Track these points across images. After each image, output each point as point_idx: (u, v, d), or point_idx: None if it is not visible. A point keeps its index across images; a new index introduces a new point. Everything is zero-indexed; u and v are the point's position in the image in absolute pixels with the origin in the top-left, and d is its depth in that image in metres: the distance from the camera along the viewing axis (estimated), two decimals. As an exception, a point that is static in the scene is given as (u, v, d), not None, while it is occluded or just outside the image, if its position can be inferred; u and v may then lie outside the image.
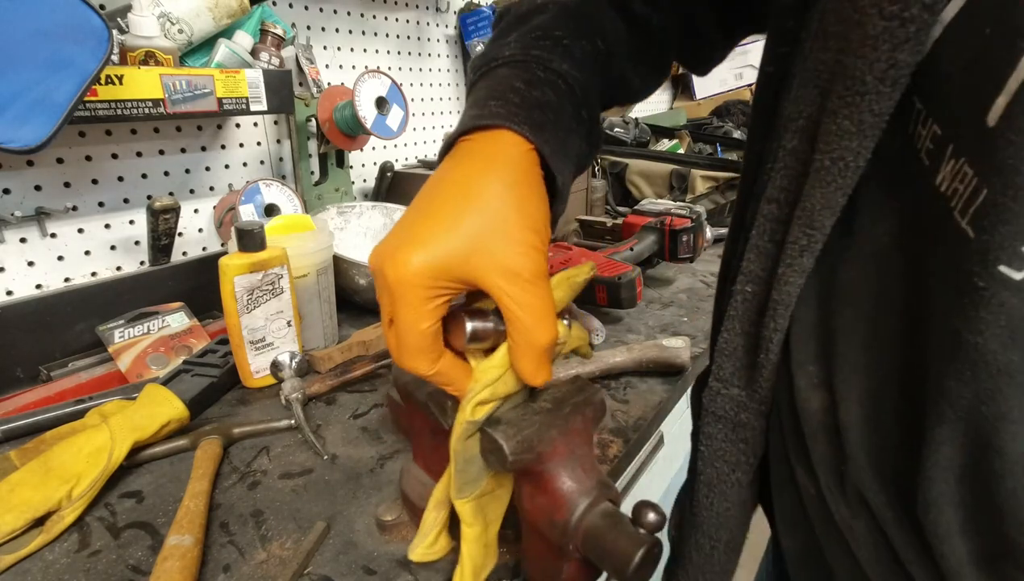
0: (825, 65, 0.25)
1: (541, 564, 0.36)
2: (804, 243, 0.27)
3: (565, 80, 0.36)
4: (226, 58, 0.82)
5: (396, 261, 0.29)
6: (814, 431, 0.30)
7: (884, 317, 0.26)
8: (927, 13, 0.21)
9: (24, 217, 0.74)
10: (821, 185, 0.26)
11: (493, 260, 0.29)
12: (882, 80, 0.22)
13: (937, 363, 0.22)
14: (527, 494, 0.35)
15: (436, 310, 0.30)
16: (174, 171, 0.89)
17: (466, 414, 0.32)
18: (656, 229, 0.97)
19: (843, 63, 0.24)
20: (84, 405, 0.60)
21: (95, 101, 0.65)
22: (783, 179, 0.29)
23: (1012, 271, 0.19)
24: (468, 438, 0.33)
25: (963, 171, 0.20)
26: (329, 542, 0.45)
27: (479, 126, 0.33)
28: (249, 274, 0.63)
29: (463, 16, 1.35)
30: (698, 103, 2.56)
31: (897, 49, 0.22)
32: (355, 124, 0.96)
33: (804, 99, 0.26)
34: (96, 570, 0.43)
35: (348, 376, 0.68)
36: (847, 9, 0.23)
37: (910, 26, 0.21)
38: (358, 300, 0.88)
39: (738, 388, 0.34)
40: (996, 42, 0.19)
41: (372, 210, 1.05)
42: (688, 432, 0.43)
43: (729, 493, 0.37)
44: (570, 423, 0.34)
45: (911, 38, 0.21)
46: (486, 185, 0.30)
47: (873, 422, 0.27)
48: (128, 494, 0.51)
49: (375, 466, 0.54)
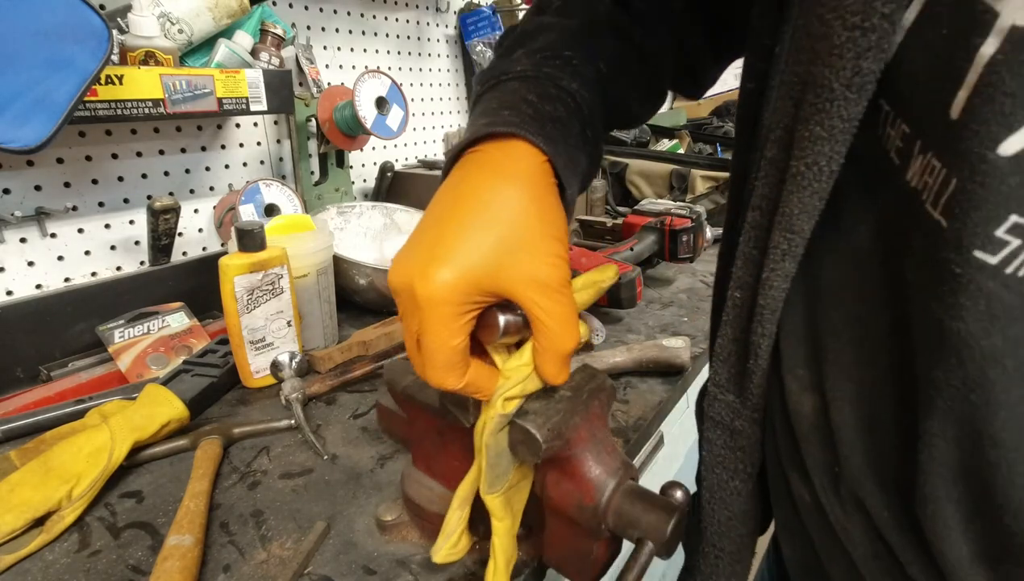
0: (798, 77, 0.26)
1: (568, 549, 0.37)
2: (785, 247, 0.28)
3: (574, 98, 0.36)
4: (226, 58, 0.82)
5: (427, 279, 0.28)
6: (806, 434, 0.31)
7: (869, 316, 0.26)
8: (887, 22, 0.22)
9: (24, 217, 0.74)
10: (798, 190, 0.27)
11: (522, 272, 0.29)
12: (848, 87, 0.23)
13: (923, 355, 0.23)
14: (552, 482, 0.35)
15: (466, 326, 0.30)
16: (174, 171, 0.89)
17: (496, 408, 0.32)
18: (656, 229, 0.97)
19: (812, 73, 0.25)
20: (84, 405, 0.60)
21: (95, 101, 0.65)
22: (764, 187, 0.29)
23: (987, 256, 0.19)
24: (499, 431, 0.33)
25: (931, 164, 0.21)
26: (329, 542, 0.45)
27: (492, 134, 0.32)
28: (249, 274, 0.63)
29: (463, 16, 1.35)
30: (698, 103, 2.56)
31: (861, 57, 0.23)
32: (355, 124, 0.96)
33: (780, 110, 0.27)
34: (96, 570, 0.43)
35: (348, 376, 0.68)
36: (815, 24, 0.24)
37: (871, 35, 0.22)
38: (358, 300, 0.88)
39: (732, 395, 0.35)
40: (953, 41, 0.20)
41: (372, 210, 1.05)
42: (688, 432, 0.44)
43: (729, 501, 0.37)
44: (590, 408, 0.35)
45: (873, 46, 0.22)
46: (508, 197, 0.30)
47: (866, 421, 0.27)
48: (128, 494, 0.51)
49: (375, 466, 0.54)
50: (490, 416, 0.33)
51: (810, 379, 0.30)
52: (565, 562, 0.38)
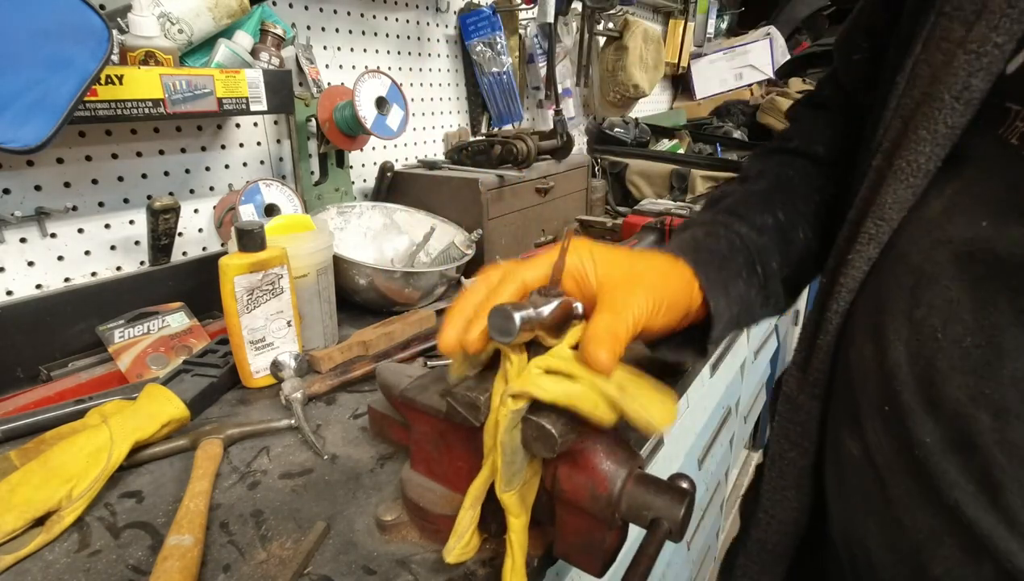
0: (912, 100, 0.33)
1: (580, 540, 0.38)
2: (873, 232, 0.34)
3: (741, 238, 0.45)
4: (226, 58, 0.82)
5: None
6: (864, 377, 0.34)
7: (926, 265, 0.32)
8: (997, 50, 0.29)
9: (24, 217, 0.74)
10: (895, 183, 0.33)
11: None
12: (957, 99, 0.30)
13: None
14: (564, 475, 0.36)
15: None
16: (174, 171, 0.89)
17: (508, 405, 0.33)
18: (656, 229, 0.97)
19: (928, 92, 0.31)
20: (84, 405, 0.60)
21: (95, 101, 0.65)
22: (865, 190, 0.35)
23: None
24: (514, 428, 0.34)
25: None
26: (329, 542, 0.45)
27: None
28: (249, 274, 0.63)
29: (463, 16, 1.35)
30: (698, 103, 2.56)
31: (972, 75, 0.29)
32: (355, 124, 0.96)
33: (892, 129, 0.34)
34: (96, 570, 0.43)
35: (348, 376, 0.68)
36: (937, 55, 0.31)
37: (984, 58, 0.29)
38: (358, 300, 0.88)
39: (797, 368, 0.40)
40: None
41: (372, 210, 1.05)
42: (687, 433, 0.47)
43: (786, 471, 0.42)
44: None
45: (984, 68, 0.29)
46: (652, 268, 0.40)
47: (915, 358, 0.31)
48: (128, 494, 0.51)
49: (375, 466, 0.54)
50: (503, 414, 0.33)
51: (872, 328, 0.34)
52: (576, 552, 0.38)
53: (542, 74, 1.58)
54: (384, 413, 0.50)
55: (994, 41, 0.29)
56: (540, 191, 1.17)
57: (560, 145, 1.21)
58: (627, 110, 2.00)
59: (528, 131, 1.18)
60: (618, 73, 1.84)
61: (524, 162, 1.12)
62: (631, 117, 1.96)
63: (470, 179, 1.04)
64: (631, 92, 1.86)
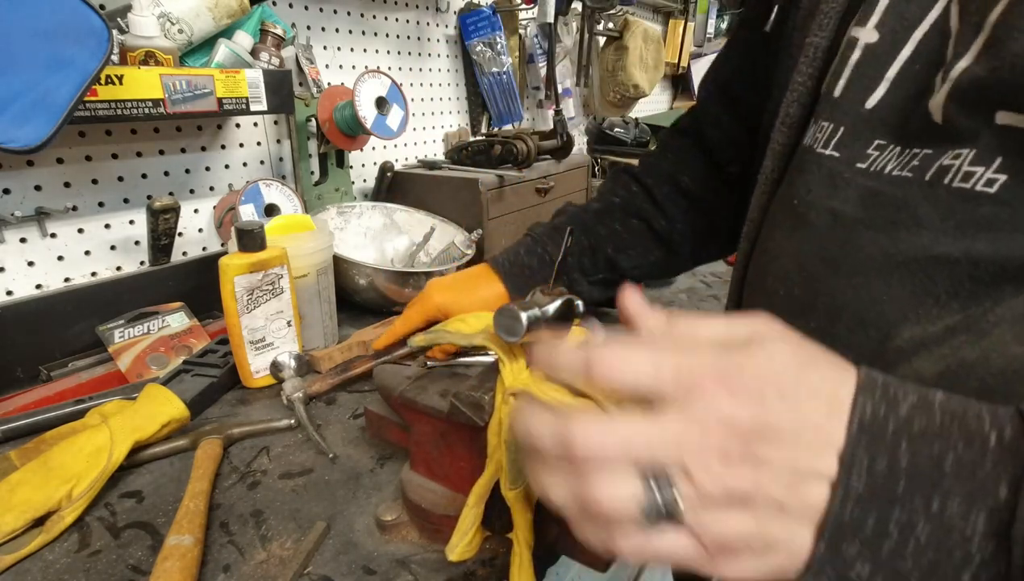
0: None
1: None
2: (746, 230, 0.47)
3: (550, 255, 0.64)
4: (226, 58, 0.82)
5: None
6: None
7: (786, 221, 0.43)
8: (808, 93, 0.43)
9: (24, 217, 0.73)
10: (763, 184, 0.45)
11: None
12: (783, 123, 0.43)
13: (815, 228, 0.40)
14: None
15: None
16: (174, 171, 0.89)
17: (512, 404, 0.33)
18: (656, 229, 0.97)
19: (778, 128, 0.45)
20: (84, 405, 0.60)
21: (95, 101, 0.65)
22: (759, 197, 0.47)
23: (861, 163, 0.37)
24: None
25: (821, 125, 0.39)
26: (329, 542, 0.45)
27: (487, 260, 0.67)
28: (249, 274, 0.63)
29: (463, 16, 1.35)
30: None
31: (792, 120, 0.44)
32: (355, 124, 0.96)
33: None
34: (96, 570, 0.43)
35: (348, 375, 0.68)
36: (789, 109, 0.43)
37: (797, 105, 0.43)
38: (358, 300, 0.88)
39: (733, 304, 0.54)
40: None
41: (372, 210, 1.05)
42: None
43: None
44: None
45: (798, 104, 0.43)
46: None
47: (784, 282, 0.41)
48: (128, 494, 0.51)
49: (375, 466, 0.54)
50: (506, 412, 0.34)
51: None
52: (580, 549, 0.38)
53: (542, 74, 1.58)
54: (382, 415, 0.50)
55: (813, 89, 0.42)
56: (540, 191, 1.17)
57: (560, 145, 1.21)
58: (627, 110, 2.00)
59: (528, 131, 1.18)
60: (618, 73, 1.84)
61: (524, 162, 1.12)
62: (631, 117, 1.96)
63: (470, 179, 1.04)
64: (631, 92, 1.86)
